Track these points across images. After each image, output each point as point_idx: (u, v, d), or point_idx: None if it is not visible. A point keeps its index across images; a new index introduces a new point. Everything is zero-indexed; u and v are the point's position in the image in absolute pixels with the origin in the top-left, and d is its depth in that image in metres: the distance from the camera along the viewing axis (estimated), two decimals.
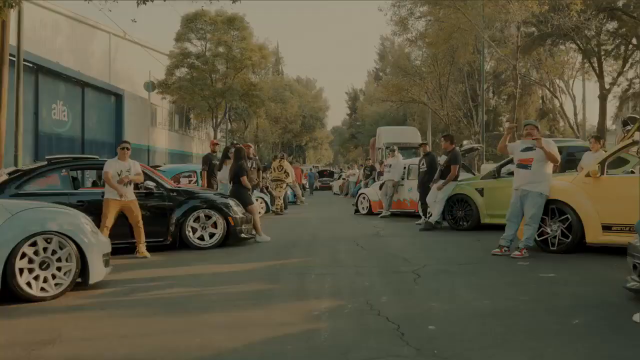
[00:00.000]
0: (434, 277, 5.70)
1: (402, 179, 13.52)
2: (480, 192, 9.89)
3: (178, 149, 38.40)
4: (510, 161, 9.76)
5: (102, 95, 26.94)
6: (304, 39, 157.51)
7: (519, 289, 5.11)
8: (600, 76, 30.19)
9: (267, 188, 16.57)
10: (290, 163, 18.95)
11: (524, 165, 7.06)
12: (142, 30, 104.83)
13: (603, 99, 31.09)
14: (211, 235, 8.35)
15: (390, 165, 13.65)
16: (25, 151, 17.68)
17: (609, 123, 36.03)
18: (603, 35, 29.33)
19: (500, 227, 9.60)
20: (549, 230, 7.12)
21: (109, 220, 7.38)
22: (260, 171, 14.20)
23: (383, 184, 13.82)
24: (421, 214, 11.80)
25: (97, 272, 5.42)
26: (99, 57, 30.07)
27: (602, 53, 30.55)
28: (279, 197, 15.74)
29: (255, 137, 51.92)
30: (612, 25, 29.18)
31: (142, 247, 7.65)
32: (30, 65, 19.67)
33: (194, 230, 8.28)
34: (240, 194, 9.06)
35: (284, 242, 8.95)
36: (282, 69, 65.68)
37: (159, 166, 14.26)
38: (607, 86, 30.95)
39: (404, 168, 13.51)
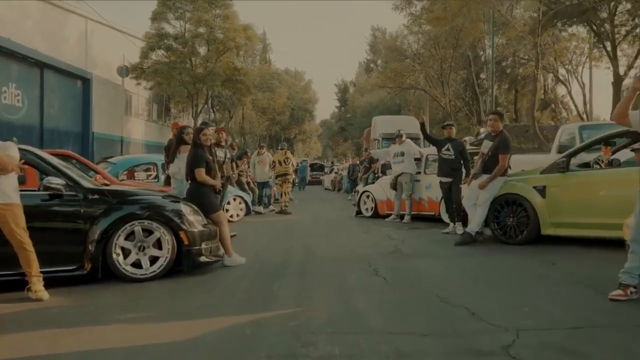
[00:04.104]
0: None
1: (418, 172, 10.71)
2: (541, 191, 7.05)
3: (156, 141, 35.23)
4: (590, 145, 7.17)
5: (66, 78, 23.67)
6: (291, 33, 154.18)
7: None
8: (614, 59, 27.76)
9: (249, 184, 13.85)
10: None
11: None
12: (118, 16, 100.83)
13: (617, 85, 28.61)
14: (153, 260, 5.45)
15: (403, 154, 10.71)
16: None
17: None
18: (619, 16, 26.99)
19: (572, 241, 6.90)
20: None
21: None
22: (234, 163, 11.35)
23: (395, 181, 10.84)
24: (448, 219, 9.07)
25: None
26: (70, 40, 26.94)
27: (617, 36, 28.12)
28: (286, 193, 14.03)
29: (241, 128, 48.92)
30: (625, 7, 26.97)
31: (36, 284, 4.75)
32: None
33: (126, 253, 5.39)
34: (200, 195, 6.13)
35: (266, 267, 6.07)
36: (269, 57, 62.49)
37: (110, 157, 11.38)
38: (621, 72, 28.49)
39: (423, 160, 10.70)
